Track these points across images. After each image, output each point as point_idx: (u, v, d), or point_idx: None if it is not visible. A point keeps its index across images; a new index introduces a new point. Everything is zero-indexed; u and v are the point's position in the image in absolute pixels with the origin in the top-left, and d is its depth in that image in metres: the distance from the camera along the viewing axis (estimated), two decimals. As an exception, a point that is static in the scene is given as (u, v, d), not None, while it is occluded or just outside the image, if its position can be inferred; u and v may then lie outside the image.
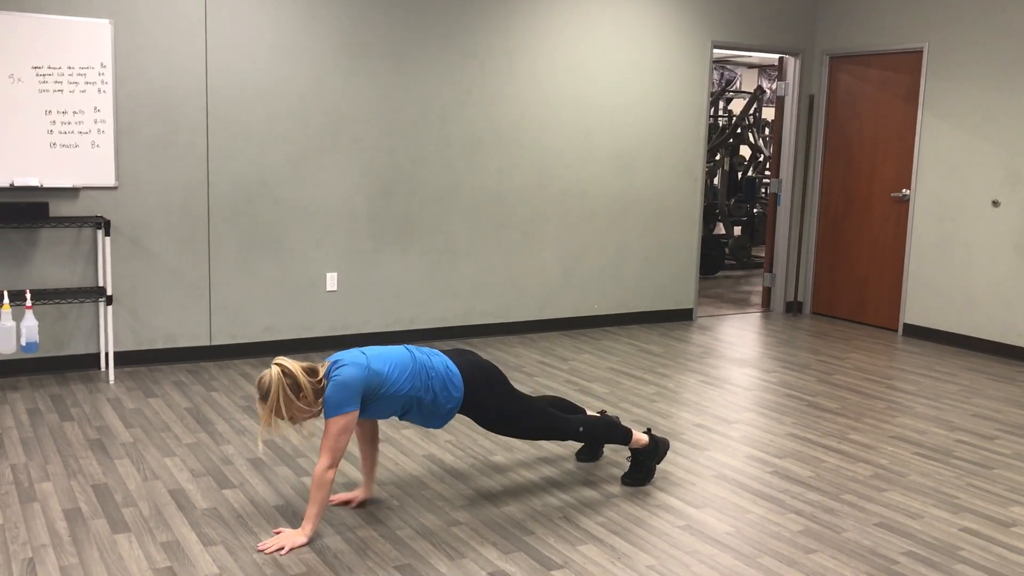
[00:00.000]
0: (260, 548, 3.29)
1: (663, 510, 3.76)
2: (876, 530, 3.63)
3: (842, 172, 7.90)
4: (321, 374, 3.41)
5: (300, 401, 3.35)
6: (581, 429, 3.85)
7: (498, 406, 3.67)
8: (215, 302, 5.89)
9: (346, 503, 3.71)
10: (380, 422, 4.75)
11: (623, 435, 3.95)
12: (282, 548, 3.28)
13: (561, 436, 3.83)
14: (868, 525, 3.67)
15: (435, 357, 3.60)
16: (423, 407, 3.55)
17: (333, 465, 3.33)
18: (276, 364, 3.35)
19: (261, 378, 3.35)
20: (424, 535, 3.46)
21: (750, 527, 3.62)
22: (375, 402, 3.46)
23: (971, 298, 6.94)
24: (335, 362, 3.43)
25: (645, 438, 4.02)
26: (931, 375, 6.13)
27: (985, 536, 3.61)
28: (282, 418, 3.36)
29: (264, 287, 6.03)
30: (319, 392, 3.39)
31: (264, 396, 3.33)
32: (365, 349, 3.53)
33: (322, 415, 3.41)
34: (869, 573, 3.26)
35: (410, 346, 3.64)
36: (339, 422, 3.33)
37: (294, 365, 3.35)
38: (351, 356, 3.45)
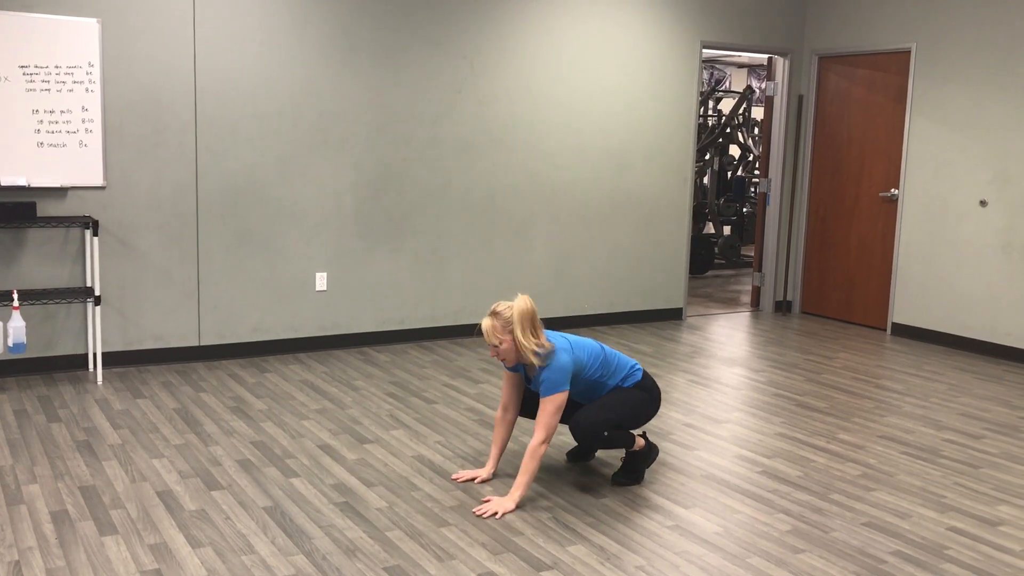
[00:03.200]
0: (477, 512, 3.61)
1: (652, 510, 3.76)
2: (864, 530, 3.64)
3: (831, 172, 7.92)
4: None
5: (530, 342, 3.68)
6: (606, 434, 3.87)
7: (640, 396, 3.96)
8: (204, 302, 5.87)
9: (472, 479, 3.97)
10: (368, 423, 4.75)
11: (631, 440, 3.99)
12: (496, 512, 3.61)
13: (601, 429, 3.88)
14: (856, 525, 3.68)
15: (624, 357, 4.02)
16: (600, 387, 3.91)
17: (547, 440, 3.68)
18: (522, 296, 3.72)
19: (500, 303, 3.73)
20: (413, 536, 3.46)
21: (739, 527, 3.63)
22: (572, 384, 3.80)
23: (959, 298, 6.97)
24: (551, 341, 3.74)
25: (643, 441, 4.07)
26: (919, 374, 6.16)
27: (972, 535, 3.63)
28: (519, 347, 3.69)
29: (253, 287, 6.01)
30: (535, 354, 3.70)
31: (504, 315, 3.69)
32: (566, 336, 3.86)
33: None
34: (857, 573, 3.27)
35: (600, 344, 4.01)
36: (556, 400, 3.68)
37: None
38: (559, 341, 3.77)
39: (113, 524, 3.48)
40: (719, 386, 5.70)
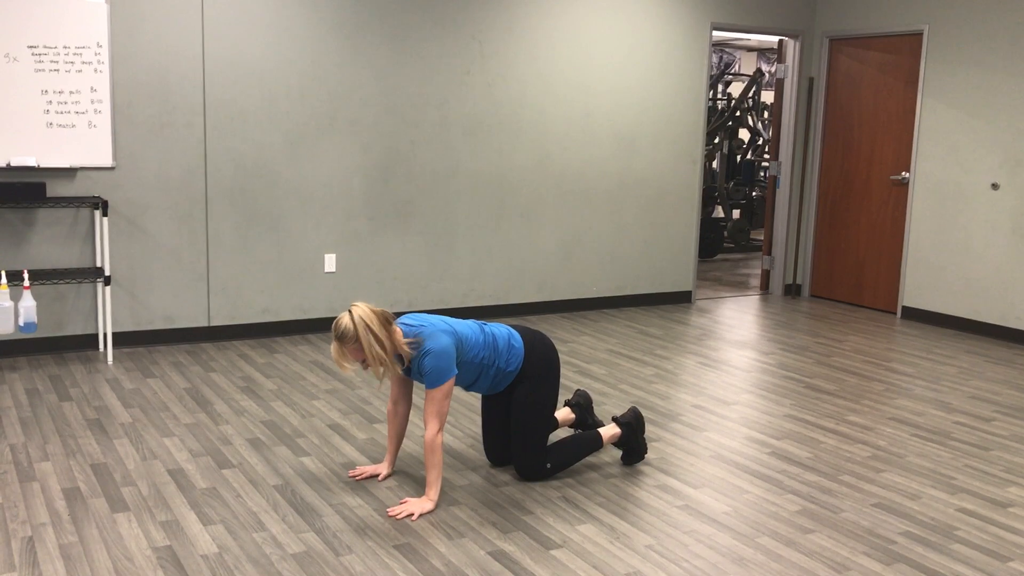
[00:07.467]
0: (390, 514, 3.44)
1: (661, 490, 3.76)
2: (874, 510, 3.64)
3: (841, 155, 7.88)
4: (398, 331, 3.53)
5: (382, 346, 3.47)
6: (548, 466, 3.82)
7: (537, 391, 3.74)
8: (213, 283, 5.88)
9: (372, 476, 3.79)
10: (378, 403, 4.75)
11: (595, 444, 3.93)
12: (412, 514, 3.44)
13: (542, 453, 3.81)
14: (866, 505, 3.68)
15: (499, 328, 3.79)
16: (490, 374, 3.71)
17: (441, 429, 3.52)
18: (357, 307, 3.43)
19: (340, 321, 3.43)
20: (423, 515, 3.46)
21: (748, 507, 3.63)
22: (462, 371, 3.63)
23: (970, 281, 6.94)
24: (420, 327, 3.54)
25: (616, 429, 4.00)
26: (929, 357, 6.14)
27: (982, 516, 3.63)
28: (372, 358, 3.44)
29: (262, 268, 6.02)
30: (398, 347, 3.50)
31: (349, 336, 3.40)
32: (443, 318, 3.66)
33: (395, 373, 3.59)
34: (867, 553, 3.28)
35: (477, 321, 3.83)
36: (444, 389, 3.51)
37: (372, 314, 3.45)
38: (437, 323, 3.58)
39: (125, 501, 3.49)
40: (728, 368, 5.69)
